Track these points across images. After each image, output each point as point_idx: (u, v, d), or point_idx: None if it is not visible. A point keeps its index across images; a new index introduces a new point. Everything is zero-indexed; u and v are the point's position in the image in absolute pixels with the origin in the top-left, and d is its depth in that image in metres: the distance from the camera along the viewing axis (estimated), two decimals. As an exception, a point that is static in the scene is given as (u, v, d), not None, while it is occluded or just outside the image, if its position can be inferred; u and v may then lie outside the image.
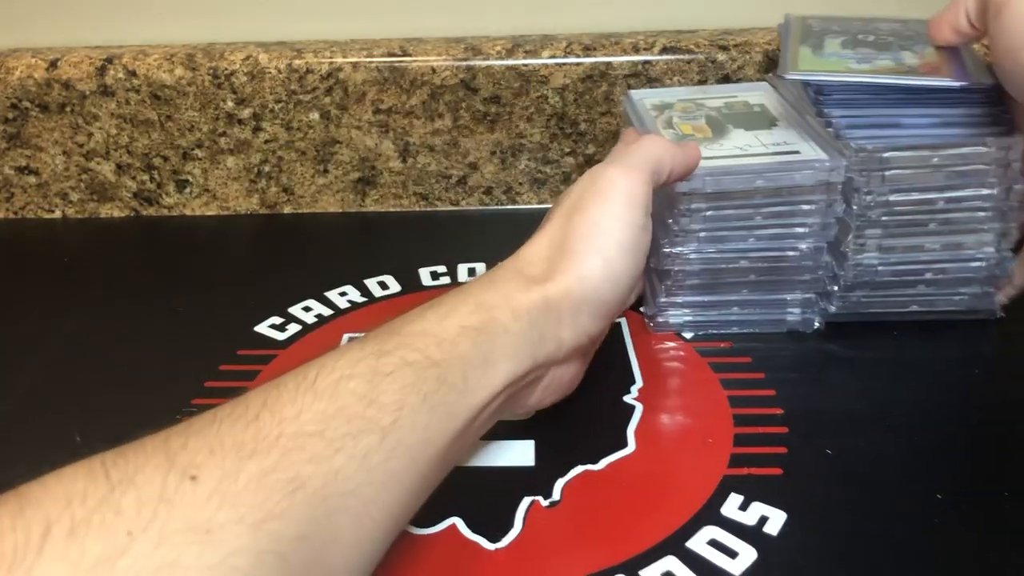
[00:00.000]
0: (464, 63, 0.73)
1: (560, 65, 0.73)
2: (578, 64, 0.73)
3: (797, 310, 0.60)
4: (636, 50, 0.73)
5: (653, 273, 0.60)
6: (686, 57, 0.73)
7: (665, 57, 0.73)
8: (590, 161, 0.76)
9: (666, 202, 0.57)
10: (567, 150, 0.76)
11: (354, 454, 0.36)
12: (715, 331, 0.61)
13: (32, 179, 0.76)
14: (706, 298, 0.60)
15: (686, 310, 0.60)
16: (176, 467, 0.32)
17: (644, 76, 0.73)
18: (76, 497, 0.30)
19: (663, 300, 0.60)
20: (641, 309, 0.62)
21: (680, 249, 0.58)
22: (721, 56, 0.73)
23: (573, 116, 0.75)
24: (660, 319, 0.61)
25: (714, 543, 0.45)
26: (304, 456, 0.34)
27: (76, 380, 0.59)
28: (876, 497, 0.47)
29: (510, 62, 0.73)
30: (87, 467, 0.32)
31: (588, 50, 0.73)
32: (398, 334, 0.41)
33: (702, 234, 0.57)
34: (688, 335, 0.61)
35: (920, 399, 0.55)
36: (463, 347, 0.41)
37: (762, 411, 0.54)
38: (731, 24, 0.76)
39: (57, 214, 0.78)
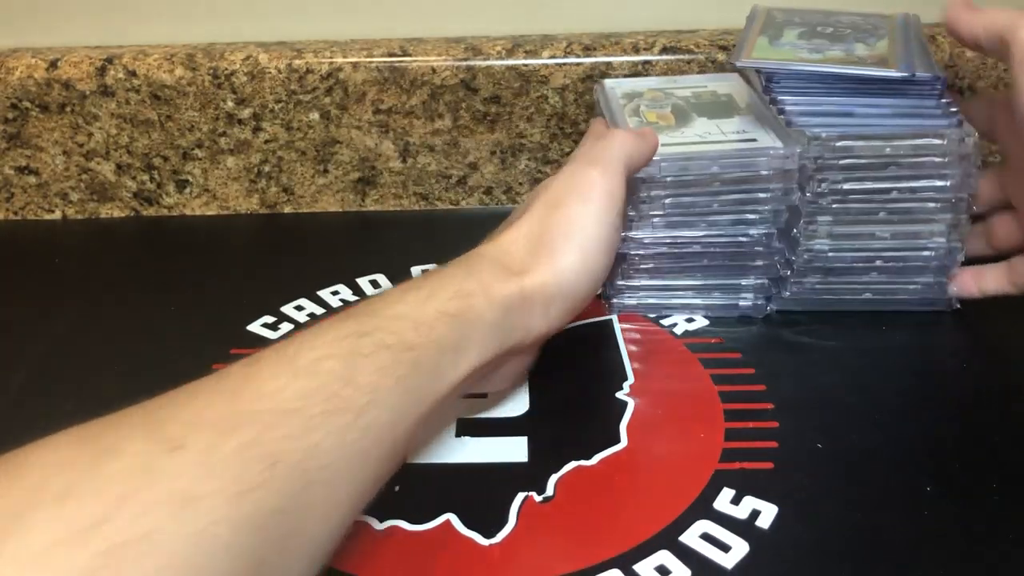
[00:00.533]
0: (464, 63, 0.73)
1: (560, 65, 0.73)
2: (578, 64, 0.73)
3: (750, 295, 0.61)
4: (636, 50, 0.73)
5: None
6: (686, 57, 0.73)
7: (665, 57, 0.73)
8: (589, 161, 0.76)
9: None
10: (567, 150, 0.76)
11: (331, 431, 0.37)
12: (670, 313, 0.62)
13: (32, 179, 0.77)
14: (662, 281, 0.61)
15: (642, 292, 0.62)
16: (160, 437, 0.33)
17: (644, 76, 0.73)
18: (66, 463, 0.31)
19: (620, 282, 0.61)
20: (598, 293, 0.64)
21: (636, 233, 0.59)
22: (721, 56, 0.73)
23: (573, 116, 0.75)
24: (616, 301, 0.62)
25: (707, 537, 0.45)
26: (283, 432, 0.35)
27: (68, 379, 0.59)
28: (866, 490, 0.47)
29: (510, 62, 0.73)
30: (76, 435, 0.33)
31: (588, 50, 0.73)
32: (377, 315, 0.42)
33: (656, 219, 0.59)
34: (649, 314, 0.62)
35: (908, 391, 0.55)
36: (439, 331, 0.43)
37: (753, 406, 0.54)
38: (731, 24, 0.76)
39: (57, 214, 0.78)
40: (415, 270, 0.68)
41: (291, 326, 0.62)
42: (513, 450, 0.51)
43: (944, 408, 0.54)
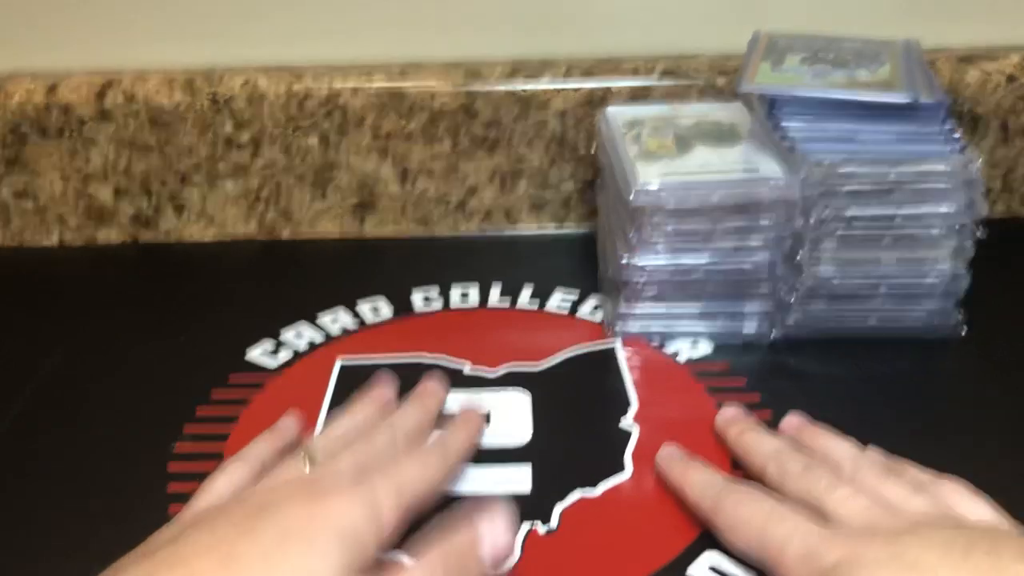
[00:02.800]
0: (463, 88, 0.73)
1: (559, 90, 0.73)
2: (577, 88, 0.73)
3: (754, 321, 0.61)
4: (636, 74, 0.73)
5: (612, 282, 0.62)
6: (686, 82, 0.73)
7: (665, 82, 0.73)
8: (590, 185, 0.75)
9: (625, 214, 0.58)
10: (567, 174, 0.76)
11: None
12: (674, 339, 0.62)
13: (30, 203, 0.76)
14: (664, 308, 0.61)
15: (645, 319, 0.61)
16: None
17: (644, 100, 0.73)
18: None
19: (623, 309, 0.61)
20: (600, 319, 0.64)
21: (639, 259, 0.59)
22: (721, 80, 0.73)
23: (573, 140, 0.74)
24: (619, 327, 0.62)
25: (716, 569, 0.45)
26: None
27: (67, 405, 0.58)
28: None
29: (509, 86, 0.73)
30: None
31: (588, 74, 0.73)
32: None
33: (659, 245, 0.58)
34: (653, 340, 0.62)
35: (914, 418, 0.55)
36: None
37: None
38: (731, 49, 0.76)
39: (54, 238, 0.78)
40: (415, 295, 0.68)
41: (290, 353, 0.62)
42: (517, 480, 0.51)
43: (951, 435, 0.53)
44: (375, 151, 0.75)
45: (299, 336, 0.63)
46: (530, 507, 0.48)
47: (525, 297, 0.67)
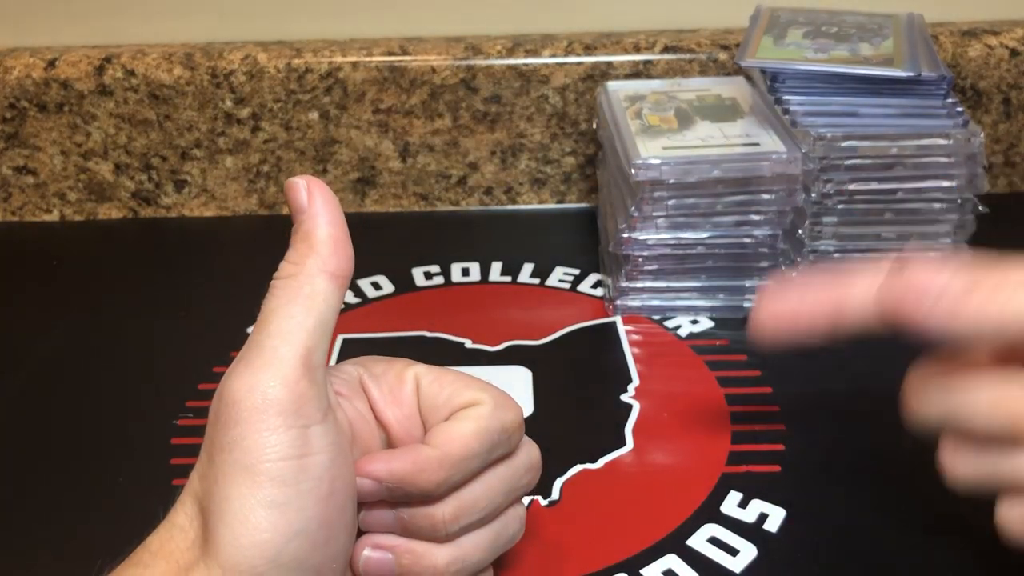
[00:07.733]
0: (464, 62, 0.73)
1: (561, 64, 0.73)
2: (579, 63, 0.73)
3: (755, 296, 0.60)
4: (637, 49, 0.73)
5: (613, 258, 0.62)
6: (687, 56, 0.73)
7: (666, 56, 0.73)
8: (590, 161, 0.75)
9: (626, 189, 0.58)
10: (568, 150, 0.75)
11: None
12: (674, 315, 0.62)
13: (30, 179, 0.76)
14: (665, 283, 0.61)
15: (646, 294, 0.61)
16: None
17: (645, 75, 0.73)
18: None
19: (623, 284, 0.61)
20: (601, 295, 0.64)
21: (639, 234, 0.59)
22: (722, 55, 0.73)
23: (574, 116, 0.74)
24: (620, 303, 0.62)
25: (714, 541, 0.45)
26: None
27: (68, 382, 0.58)
28: (874, 493, 0.47)
29: (510, 61, 0.73)
30: None
31: (589, 49, 0.73)
32: None
33: (660, 220, 0.58)
34: (653, 316, 0.62)
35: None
36: None
37: (759, 408, 0.53)
38: (733, 23, 0.76)
39: (55, 214, 0.78)
40: (416, 271, 0.68)
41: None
42: (518, 453, 0.51)
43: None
44: (375, 126, 0.74)
45: (300, 311, 0.63)
46: (531, 481, 0.49)
47: (526, 273, 0.67)
